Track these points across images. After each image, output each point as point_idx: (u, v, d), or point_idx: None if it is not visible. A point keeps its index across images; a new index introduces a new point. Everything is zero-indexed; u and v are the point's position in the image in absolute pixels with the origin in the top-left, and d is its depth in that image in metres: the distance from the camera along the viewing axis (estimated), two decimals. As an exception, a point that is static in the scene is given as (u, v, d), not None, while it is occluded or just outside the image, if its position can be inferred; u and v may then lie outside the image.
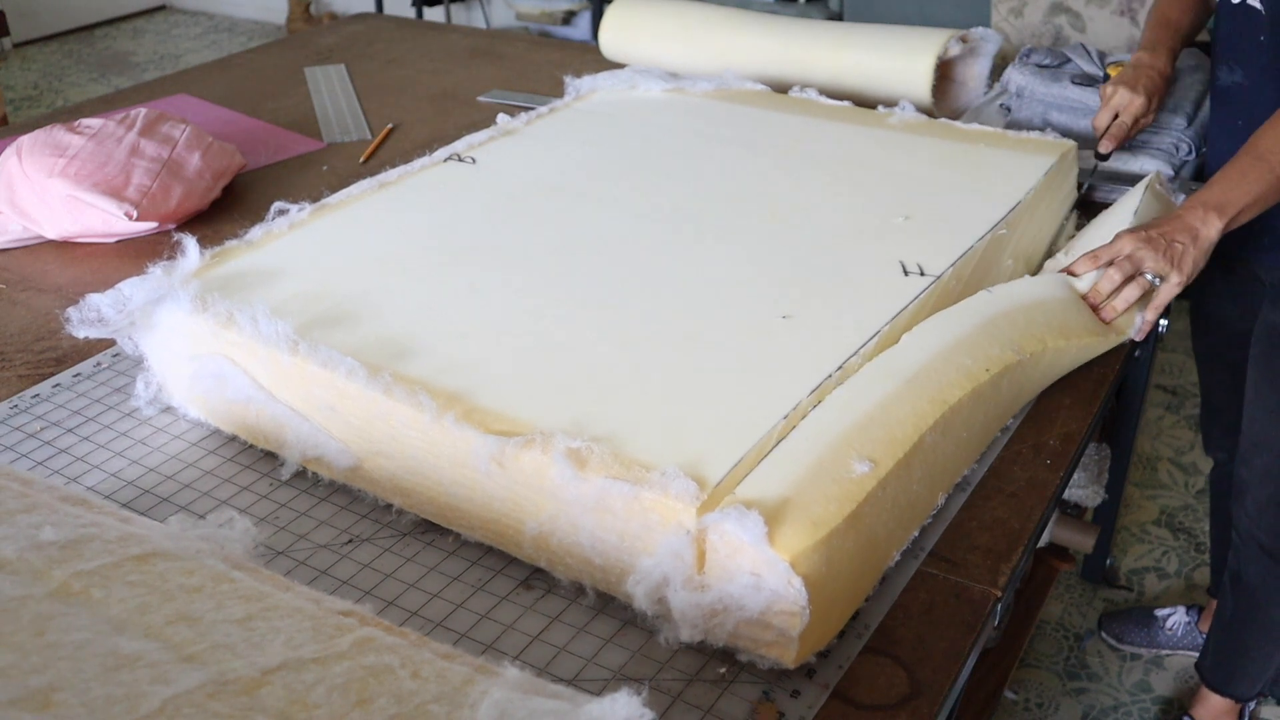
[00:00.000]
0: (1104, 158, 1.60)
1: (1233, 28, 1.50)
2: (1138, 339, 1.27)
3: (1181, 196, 1.46)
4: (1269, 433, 1.56)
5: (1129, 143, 1.64)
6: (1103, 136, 1.56)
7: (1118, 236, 1.28)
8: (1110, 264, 1.25)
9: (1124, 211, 1.39)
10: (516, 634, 0.91)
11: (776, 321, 1.11)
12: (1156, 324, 1.52)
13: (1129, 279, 1.25)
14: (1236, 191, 1.29)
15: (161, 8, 6.19)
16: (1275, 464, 1.56)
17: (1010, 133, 1.55)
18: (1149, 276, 1.25)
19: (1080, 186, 1.57)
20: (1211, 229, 1.28)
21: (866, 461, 0.90)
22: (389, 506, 1.04)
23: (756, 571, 0.83)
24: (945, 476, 1.04)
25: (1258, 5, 1.45)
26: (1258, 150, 1.31)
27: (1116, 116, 1.55)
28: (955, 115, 1.85)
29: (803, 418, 0.97)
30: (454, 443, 0.95)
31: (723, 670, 0.88)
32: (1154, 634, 2.04)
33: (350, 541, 1.01)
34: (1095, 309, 1.25)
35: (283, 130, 1.94)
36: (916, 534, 1.00)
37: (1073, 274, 1.28)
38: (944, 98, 1.89)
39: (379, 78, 2.22)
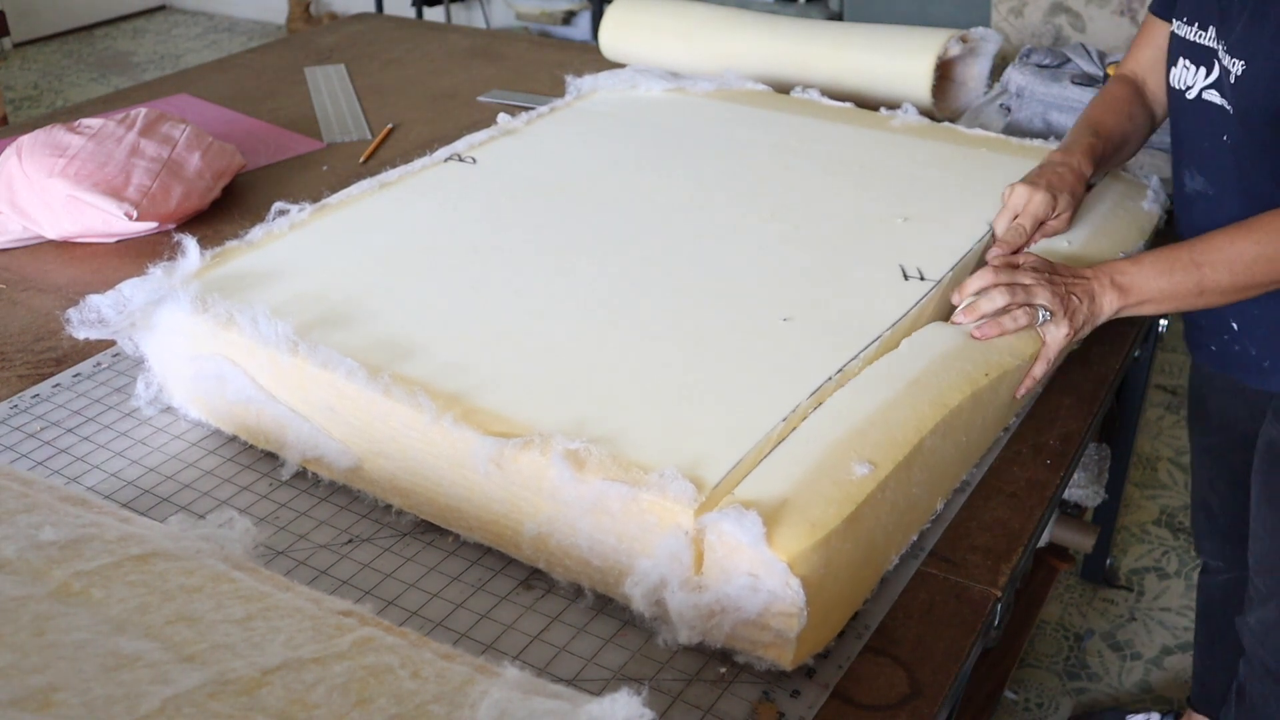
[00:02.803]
0: None
1: (1190, 126, 1.30)
2: (1018, 395, 1.13)
3: (1154, 178, 1.41)
4: (1273, 556, 1.41)
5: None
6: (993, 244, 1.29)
7: (1018, 267, 1.16)
8: (1002, 285, 1.13)
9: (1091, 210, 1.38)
10: (516, 634, 0.91)
11: (777, 324, 1.11)
12: (1156, 323, 1.51)
13: (1018, 305, 1.12)
14: (1152, 284, 1.15)
15: (161, 8, 6.19)
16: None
17: (1013, 139, 1.55)
18: (1041, 312, 1.12)
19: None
20: (1108, 305, 1.15)
21: (866, 464, 0.90)
22: (389, 507, 1.04)
23: (754, 572, 0.83)
24: (945, 481, 1.04)
25: (1219, 101, 1.24)
26: (1196, 253, 1.15)
27: (1016, 218, 1.29)
28: (955, 115, 1.85)
29: (802, 419, 0.97)
30: (453, 444, 0.95)
31: (723, 670, 0.88)
32: None
33: (350, 541, 1.01)
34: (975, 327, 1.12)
35: (283, 130, 1.94)
36: (915, 537, 1.00)
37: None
38: (944, 98, 1.89)
39: (379, 78, 2.22)
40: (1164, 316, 1.45)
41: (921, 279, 1.19)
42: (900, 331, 1.11)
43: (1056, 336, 1.13)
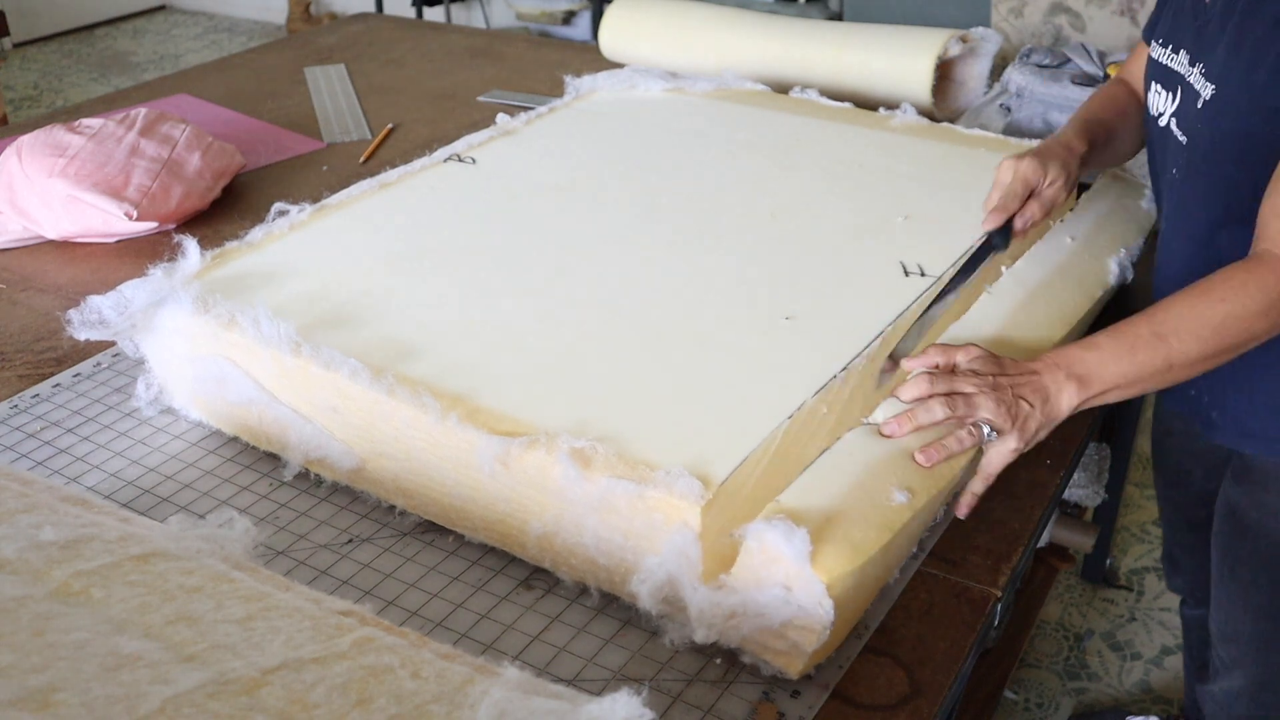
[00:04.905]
0: (998, 242, 1.22)
1: (1154, 152, 1.27)
2: (960, 515, 1.03)
3: (1146, 186, 1.40)
4: (1236, 626, 1.35)
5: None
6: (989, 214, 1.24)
7: (958, 370, 1.02)
8: (943, 394, 0.99)
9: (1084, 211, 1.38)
10: (516, 634, 0.91)
11: (780, 322, 1.11)
12: None
13: (958, 420, 0.99)
14: (1113, 369, 1.02)
15: (161, 8, 6.19)
16: (1243, 657, 1.36)
17: (1012, 139, 1.55)
18: (985, 429, 0.99)
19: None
20: (1064, 402, 1.01)
21: (905, 491, 0.92)
22: (390, 507, 1.04)
23: (789, 585, 0.84)
24: (949, 497, 1.05)
25: (1176, 131, 1.19)
26: (1157, 324, 1.03)
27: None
28: (955, 115, 1.85)
29: (807, 415, 0.97)
30: (458, 443, 0.95)
31: (723, 670, 0.88)
32: None
33: (350, 541, 1.01)
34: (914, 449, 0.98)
35: (283, 130, 1.94)
36: (915, 550, 1.01)
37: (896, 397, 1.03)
38: (944, 98, 1.89)
39: (379, 78, 2.22)
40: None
41: (922, 275, 1.19)
42: (902, 326, 1.11)
43: (1002, 452, 1.00)
